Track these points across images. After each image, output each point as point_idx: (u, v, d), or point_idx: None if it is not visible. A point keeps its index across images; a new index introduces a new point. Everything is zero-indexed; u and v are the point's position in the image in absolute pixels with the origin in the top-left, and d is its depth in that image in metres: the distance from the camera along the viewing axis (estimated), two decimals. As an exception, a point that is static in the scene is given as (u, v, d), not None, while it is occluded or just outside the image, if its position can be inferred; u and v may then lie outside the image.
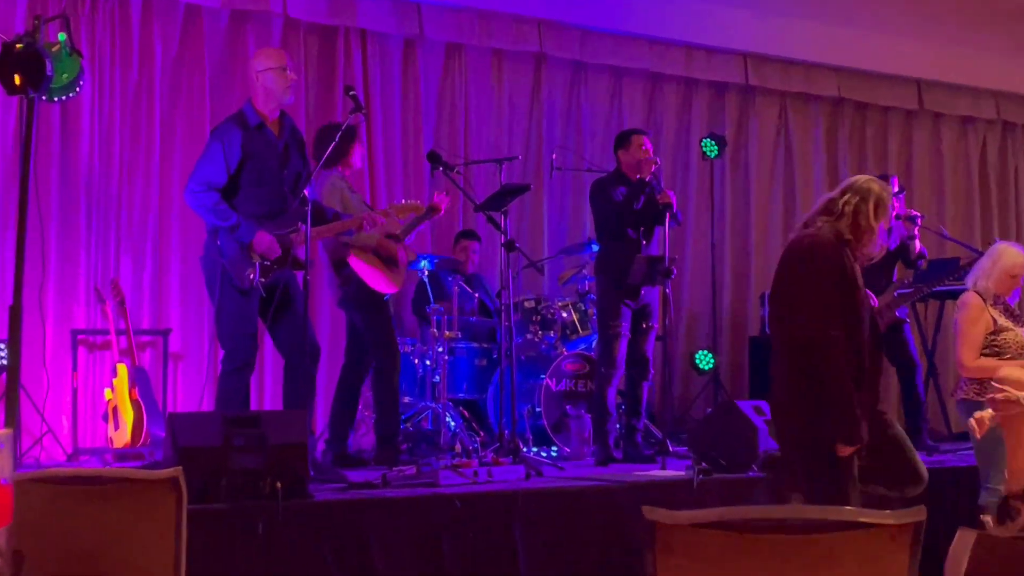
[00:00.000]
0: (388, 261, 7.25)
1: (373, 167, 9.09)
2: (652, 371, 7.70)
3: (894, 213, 8.21)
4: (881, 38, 11.13)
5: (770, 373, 4.56)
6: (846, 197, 4.52)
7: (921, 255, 8.41)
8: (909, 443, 4.91)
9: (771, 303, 4.56)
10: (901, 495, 4.77)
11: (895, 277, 8.37)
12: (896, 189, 8.29)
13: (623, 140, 7.77)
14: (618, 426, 7.83)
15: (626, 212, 7.45)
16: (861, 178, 4.63)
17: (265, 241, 6.17)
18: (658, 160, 7.61)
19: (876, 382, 4.50)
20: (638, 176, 7.49)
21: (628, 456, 7.51)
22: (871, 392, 4.46)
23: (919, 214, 8.48)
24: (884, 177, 8.19)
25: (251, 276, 6.15)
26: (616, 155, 7.79)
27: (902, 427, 5.11)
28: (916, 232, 8.37)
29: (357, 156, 7.33)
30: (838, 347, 4.25)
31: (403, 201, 7.30)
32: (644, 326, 7.59)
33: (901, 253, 8.42)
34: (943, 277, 8.39)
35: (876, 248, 4.56)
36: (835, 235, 4.43)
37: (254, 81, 6.42)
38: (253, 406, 7.64)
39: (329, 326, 8.76)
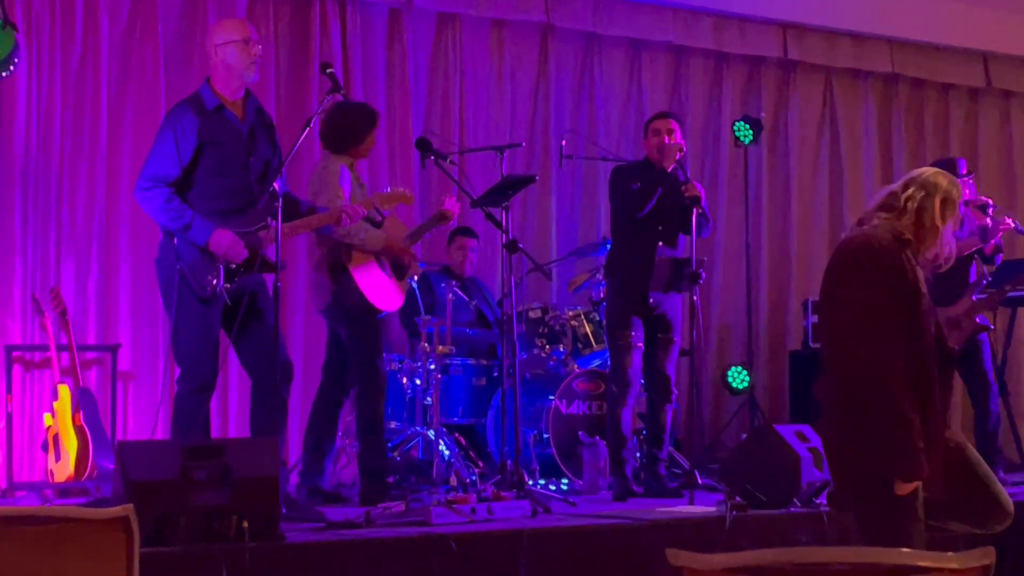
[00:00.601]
0: (395, 271, 7.22)
1: (354, 156, 9.10)
2: (675, 391, 7.71)
3: (963, 199, 8.22)
4: (942, 5, 11.13)
5: (817, 396, 4.54)
6: (909, 191, 4.48)
7: (998, 248, 8.37)
8: (989, 471, 4.86)
9: (819, 314, 4.55)
10: (985, 531, 4.73)
11: (973, 277, 8.31)
12: (964, 172, 8.28)
13: (644, 130, 7.84)
14: (638, 455, 7.84)
15: (635, 208, 7.47)
16: (927, 170, 4.59)
17: (225, 241, 6.16)
18: (683, 147, 7.62)
19: (944, 405, 4.48)
20: (660, 163, 7.50)
21: (650, 490, 7.51)
22: (940, 417, 4.43)
23: (991, 201, 8.45)
24: (949, 161, 8.19)
25: (214, 282, 6.15)
26: (643, 143, 7.86)
27: None
28: (989, 221, 8.31)
29: (369, 146, 7.34)
30: (895, 368, 4.22)
31: (387, 190, 7.30)
32: (662, 337, 7.60)
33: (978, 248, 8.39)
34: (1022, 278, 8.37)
35: (944, 251, 4.51)
36: (893, 234, 4.39)
37: (213, 56, 6.42)
38: (215, 433, 7.64)
39: (303, 338, 8.77)
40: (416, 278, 8.23)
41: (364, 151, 7.33)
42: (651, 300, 7.53)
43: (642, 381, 7.70)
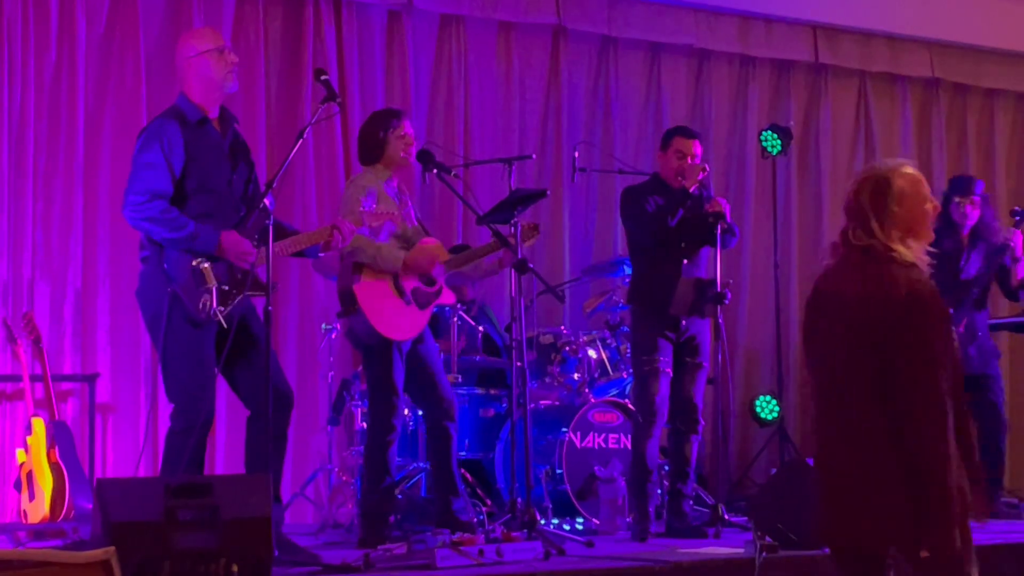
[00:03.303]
0: (417, 297, 7.19)
1: (350, 169, 9.11)
2: (702, 422, 7.70)
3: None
4: (986, 2, 11.15)
5: (845, 457, 4.48)
6: (863, 202, 4.52)
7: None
8: None
9: (851, 366, 4.43)
10: None
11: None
12: (979, 191, 8.53)
13: (664, 140, 7.82)
14: (659, 491, 7.83)
15: (658, 227, 7.48)
16: (859, 177, 4.62)
17: (236, 244, 6.13)
18: (706, 166, 7.64)
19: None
20: (681, 184, 7.52)
21: (673, 529, 7.51)
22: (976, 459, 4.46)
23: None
24: (962, 181, 8.47)
25: (209, 304, 6.14)
26: (657, 155, 7.86)
27: None
28: (1019, 248, 8.46)
29: (399, 149, 7.33)
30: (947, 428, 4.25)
31: (374, 207, 7.25)
32: (690, 362, 7.61)
33: (1000, 278, 8.55)
34: None
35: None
36: (918, 265, 4.41)
37: (186, 69, 6.42)
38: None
39: (296, 363, 8.78)
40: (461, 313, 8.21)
41: (393, 159, 7.31)
42: (683, 323, 7.54)
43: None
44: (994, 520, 7.53)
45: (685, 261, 7.58)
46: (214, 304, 6.13)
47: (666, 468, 7.89)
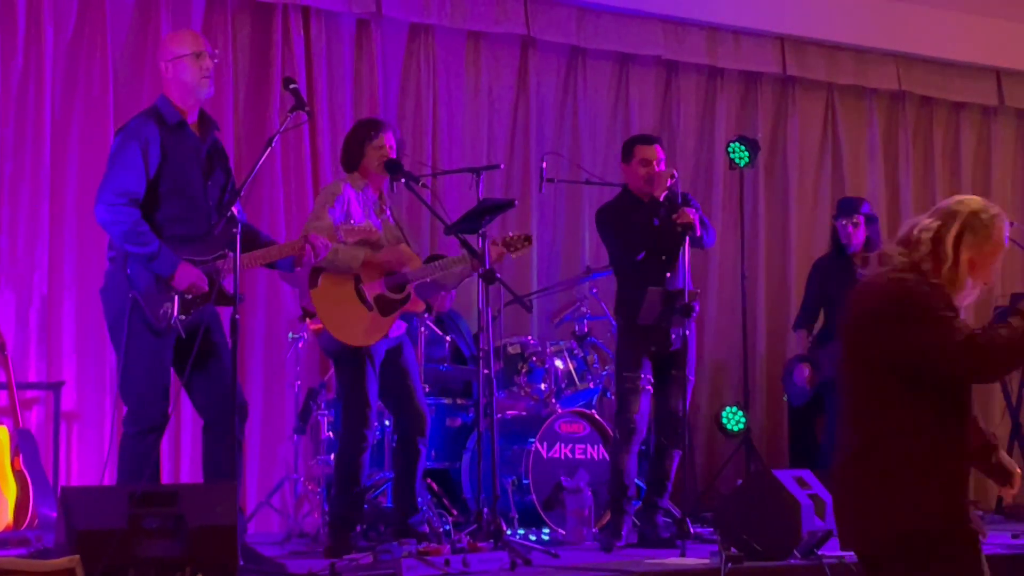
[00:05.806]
0: (381, 305, 7.18)
1: (318, 178, 9.10)
2: (686, 436, 7.71)
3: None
4: (952, 17, 11.21)
5: (832, 453, 4.46)
6: (926, 221, 4.39)
7: None
8: None
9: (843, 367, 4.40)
10: None
11: None
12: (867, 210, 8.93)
13: (625, 151, 7.88)
14: (635, 503, 7.87)
15: (633, 250, 7.53)
16: (957, 197, 4.50)
17: (188, 278, 6.16)
18: (675, 172, 7.67)
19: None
20: (651, 195, 7.57)
21: (644, 537, 7.56)
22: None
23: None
24: (847, 203, 8.65)
25: (170, 312, 6.14)
26: (622, 168, 7.90)
27: None
28: None
29: (375, 159, 7.32)
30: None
31: (343, 218, 7.23)
32: (676, 375, 7.63)
33: None
34: None
35: (973, 293, 4.39)
36: (916, 274, 4.30)
37: (164, 72, 6.46)
38: (167, 478, 7.61)
39: (263, 373, 8.76)
40: (428, 321, 8.19)
41: (371, 168, 7.31)
42: (672, 335, 7.57)
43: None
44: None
45: (668, 274, 7.62)
46: (175, 313, 6.14)
47: (640, 484, 7.92)
